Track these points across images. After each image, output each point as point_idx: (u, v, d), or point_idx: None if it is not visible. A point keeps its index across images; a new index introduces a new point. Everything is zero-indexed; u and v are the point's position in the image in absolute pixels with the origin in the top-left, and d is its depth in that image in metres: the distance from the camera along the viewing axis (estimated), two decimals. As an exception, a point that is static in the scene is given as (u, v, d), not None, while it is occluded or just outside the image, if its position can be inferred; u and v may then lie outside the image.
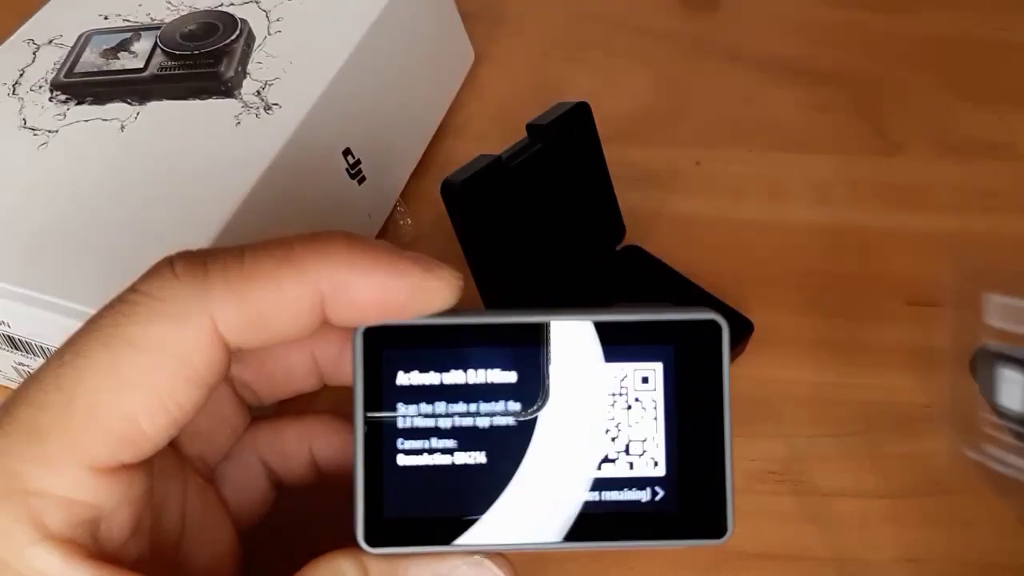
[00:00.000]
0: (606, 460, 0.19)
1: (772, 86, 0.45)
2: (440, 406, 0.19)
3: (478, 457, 0.19)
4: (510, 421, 0.19)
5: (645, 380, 0.19)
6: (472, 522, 0.19)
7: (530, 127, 0.33)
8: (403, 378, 0.19)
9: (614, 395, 0.19)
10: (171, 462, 0.21)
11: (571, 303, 0.35)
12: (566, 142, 0.33)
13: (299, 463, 0.23)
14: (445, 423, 0.19)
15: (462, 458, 0.19)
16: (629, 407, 0.19)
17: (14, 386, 0.34)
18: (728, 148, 0.42)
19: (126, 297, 0.18)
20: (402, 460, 0.19)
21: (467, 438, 0.19)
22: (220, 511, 0.22)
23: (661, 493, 0.19)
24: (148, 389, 0.17)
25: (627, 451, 0.19)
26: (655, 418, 0.19)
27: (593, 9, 0.50)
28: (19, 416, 0.17)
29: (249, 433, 0.23)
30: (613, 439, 0.19)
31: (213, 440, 0.22)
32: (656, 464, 0.19)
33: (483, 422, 0.19)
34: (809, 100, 0.45)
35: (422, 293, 0.18)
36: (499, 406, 0.19)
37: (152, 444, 0.18)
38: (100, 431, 0.17)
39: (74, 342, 0.18)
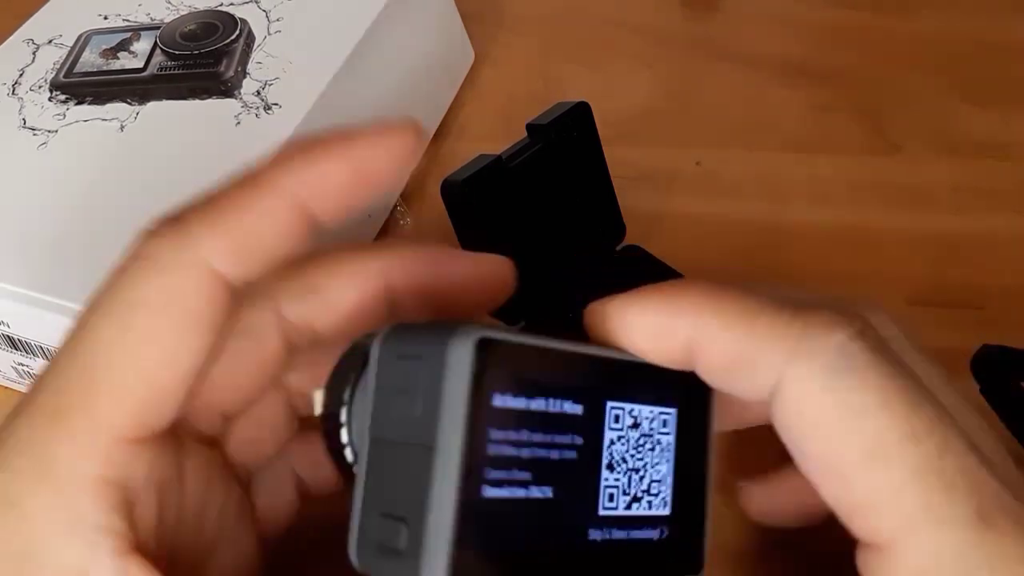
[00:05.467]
0: (635, 499, 0.19)
1: (772, 86, 0.45)
2: (527, 434, 0.17)
3: (547, 491, 0.18)
4: (573, 455, 0.18)
5: (664, 424, 0.20)
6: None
7: (530, 127, 0.33)
8: (499, 400, 0.17)
9: (644, 436, 0.19)
10: (216, 469, 0.21)
11: (572, 302, 0.35)
12: (566, 142, 0.33)
13: (330, 472, 0.22)
14: (528, 453, 0.17)
15: (535, 492, 0.17)
16: (653, 448, 0.20)
17: (14, 386, 0.33)
18: (728, 148, 0.42)
19: (117, 267, 0.18)
20: (490, 492, 0.17)
21: (541, 471, 0.18)
22: (249, 519, 0.22)
23: (666, 532, 0.20)
24: (157, 342, 0.17)
25: (649, 491, 0.20)
26: (668, 460, 0.20)
27: (593, 9, 0.50)
28: (41, 401, 0.17)
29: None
30: (641, 478, 0.19)
31: (259, 448, 0.22)
32: (666, 504, 0.20)
33: (554, 454, 0.18)
34: (809, 100, 0.45)
35: (386, 152, 0.19)
36: (567, 439, 0.18)
37: (173, 401, 0.18)
38: (120, 397, 0.17)
39: (80, 323, 0.18)
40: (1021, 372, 0.29)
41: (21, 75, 0.36)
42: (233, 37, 0.37)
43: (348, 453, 0.19)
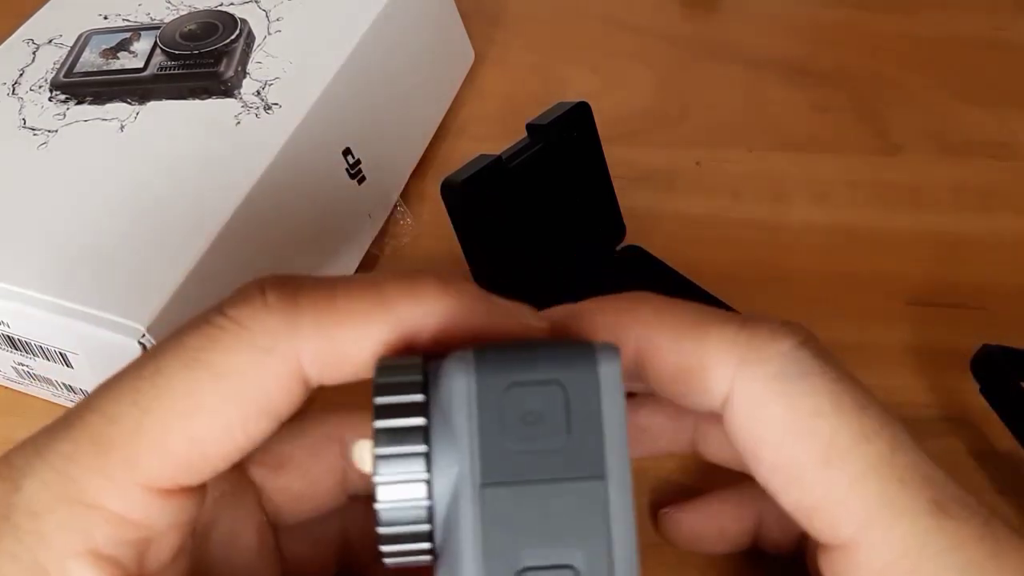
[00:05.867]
0: None
1: (772, 86, 0.45)
2: None
3: None
4: None
5: None
6: None
7: (530, 127, 0.33)
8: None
9: None
10: (248, 510, 0.20)
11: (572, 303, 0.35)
12: (566, 142, 0.33)
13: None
14: None
15: None
16: None
17: (14, 386, 0.33)
18: (728, 148, 0.42)
19: (214, 320, 0.17)
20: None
21: None
22: (277, 566, 0.21)
23: None
24: (221, 416, 0.17)
25: None
26: None
27: (593, 9, 0.50)
28: (90, 423, 0.17)
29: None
30: None
31: (301, 503, 0.22)
32: None
33: None
34: (809, 100, 0.45)
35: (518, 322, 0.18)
36: None
37: (212, 469, 0.18)
38: (165, 452, 0.17)
39: (155, 357, 0.17)
40: (1021, 372, 0.29)
41: (21, 75, 0.36)
42: (233, 37, 0.37)
43: (426, 514, 0.16)
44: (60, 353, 0.30)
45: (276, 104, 0.34)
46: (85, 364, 0.29)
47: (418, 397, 0.16)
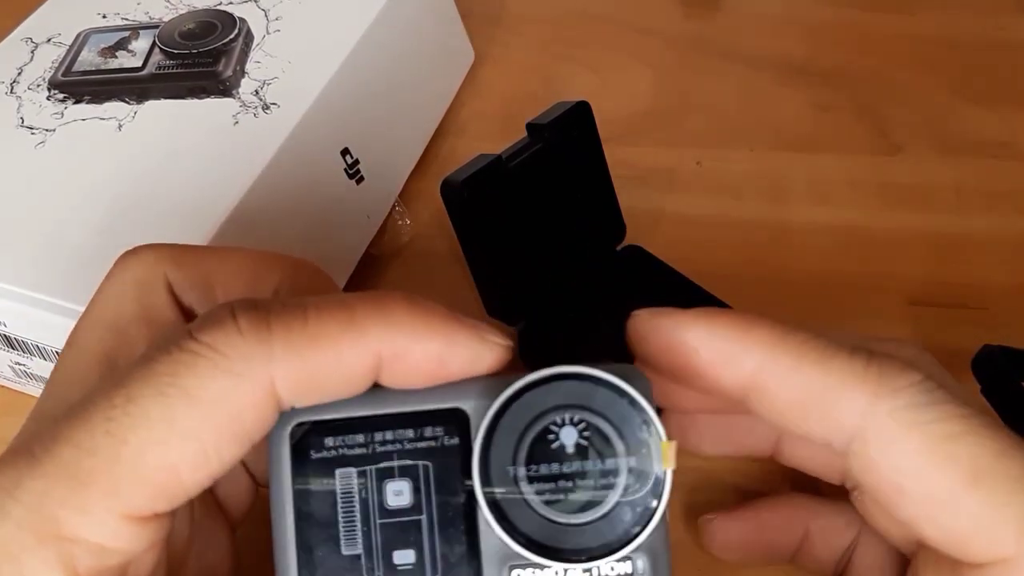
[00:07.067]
0: None
1: (772, 86, 0.45)
2: None
3: None
4: None
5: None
6: None
7: (530, 126, 0.33)
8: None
9: None
10: (225, 531, 0.22)
11: (572, 302, 0.35)
12: (566, 142, 0.33)
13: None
14: None
15: None
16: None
17: (12, 385, 0.33)
18: (728, 148, 0.42)
19: (185, 345, 0.17)
20: None
21: None
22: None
23: None
24: (196, 443, 0.17)
25: None
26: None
27: (593, 9, 0.50)
28: (62, 456, 0.17)
29: None
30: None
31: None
32: None
33: None
34: (809, 100, 0.45)
35: (474, 361, 0.18)
36: None
37: (188, 494, 0.18)
38: (142, 481, 0.17)
39: (124, 384, 0.17)
40: (1021, 372, 0.29)
41: (19, 73, 0.36)
42: (232, 36, 0.37)
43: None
44: (57, 352, 0.29)
45: (274, 104, 0.34)
46: (83, 364, 0.29)
47: None
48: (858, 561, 0.24)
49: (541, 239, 0.34)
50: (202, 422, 0.17)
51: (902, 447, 0.19)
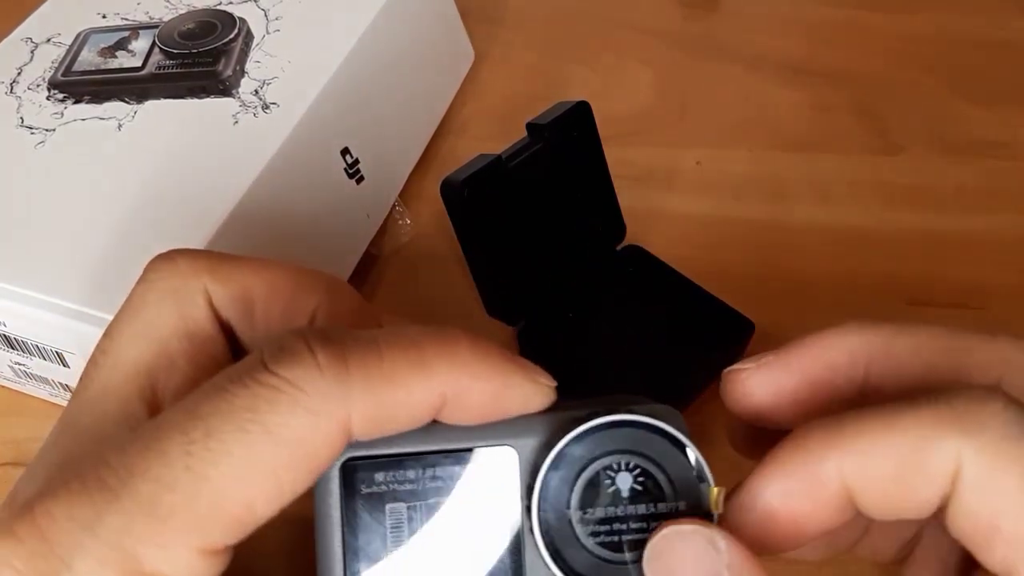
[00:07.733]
0: None
1: (772, 86, 0.45)
2: None
3: None
4: None
5: None
6: None
7: (530, 126, 0.33)
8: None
9: None
10: None
11: (572, 302, 0.35)
12: (566, 142, 0.33)
13: None
14: None
15: None
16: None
17: (12, 385, 0.33)
18: (728, 148, 0.42)
19: (264, 380, 0.17)
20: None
21: None
22: None
23: None
24: (274, 478, 0.17)
25: None
26: None
27: (593, 9, 0.50)
28: (141, 492, 0.17)
29: None
30: None
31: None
32: None
33: None
34: (809, 100, 0.45)
35: (527, 401, 0.19)
36: None
37: (258, 525, 0.18)
38: (220, 516, 0.17)
39: (202, 417, 0.17)
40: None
41: (19, 73, 0.36)
42: (231, 36, 0.37)
43: None
44: (57, 352, 0.29)
45: (274, 103, 0.34)
46: (82, 364, 0.29)
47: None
48: (921, 555, 0.23)
49: (541, 239, 0.34)
50: (279, 460, 0.17)
51: (999, 485, 0.17)
